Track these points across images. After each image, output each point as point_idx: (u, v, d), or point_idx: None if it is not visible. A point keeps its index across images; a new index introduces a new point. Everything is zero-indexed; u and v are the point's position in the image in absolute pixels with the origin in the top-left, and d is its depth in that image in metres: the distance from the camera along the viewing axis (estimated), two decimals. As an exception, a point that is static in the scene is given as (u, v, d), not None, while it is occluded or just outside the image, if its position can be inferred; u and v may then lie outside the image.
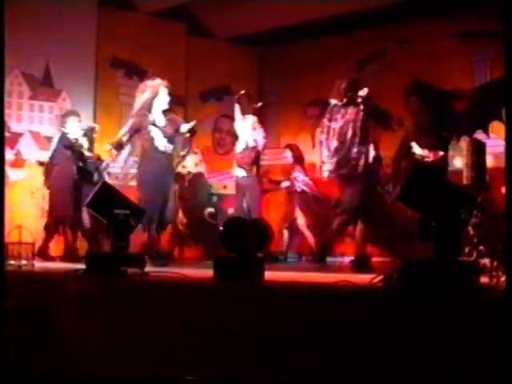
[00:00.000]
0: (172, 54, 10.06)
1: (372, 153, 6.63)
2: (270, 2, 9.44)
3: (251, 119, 7.96)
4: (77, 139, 7.74)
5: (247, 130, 7.95)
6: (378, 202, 6.65)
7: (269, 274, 4.07)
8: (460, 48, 9.15)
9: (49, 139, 8.85)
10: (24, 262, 5.51)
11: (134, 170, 7.10)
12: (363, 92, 6.37)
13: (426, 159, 6.22)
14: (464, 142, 5.85)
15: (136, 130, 6.88)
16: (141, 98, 6.90)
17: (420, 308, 2.91)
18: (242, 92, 8.03)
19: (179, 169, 8.42)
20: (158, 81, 6.98)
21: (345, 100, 6.40)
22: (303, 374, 3.06)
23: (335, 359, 3.01)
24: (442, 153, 6.27)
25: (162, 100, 6.90)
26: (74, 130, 7.82)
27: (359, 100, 6.35)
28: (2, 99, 4.72)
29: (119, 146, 6.93)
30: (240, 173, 7.94)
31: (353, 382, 2.94)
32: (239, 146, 8.00)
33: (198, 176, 9.28)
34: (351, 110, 6.35)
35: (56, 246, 7.99)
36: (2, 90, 4.69)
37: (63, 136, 7.79)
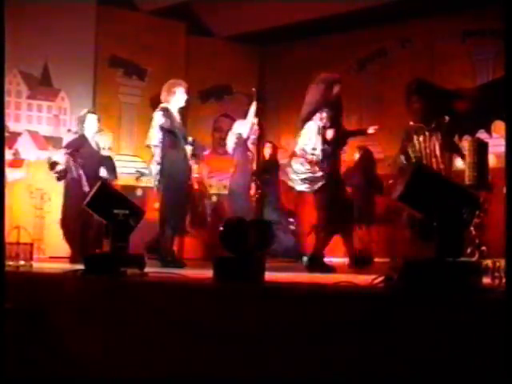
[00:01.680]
0: (172, 53, 10.05)
1: None
2: (270, 1, 9.42)
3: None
4: None
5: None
6: None
7: (269, 274, 4.05)
8: (462, 47, 9.13)
9: (47, 139, 8.84)
10: (22, 262, 5.49)
11: None
12: (445, 120, 6.35)
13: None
14: (466, 142, 5.82)
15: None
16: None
17: (421, 309, 2.89)
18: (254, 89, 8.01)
19: None
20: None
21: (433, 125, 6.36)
22: (303, 373, 3.05)
23: (335, 359, 2.99)
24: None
25: None
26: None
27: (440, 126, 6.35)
28: (1, 99, 4.70)
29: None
30: None
31: (353, 382, 2.92)
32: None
33: None
34: (434, 136, 6.35)
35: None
36: (2, 90, 4.67)
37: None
